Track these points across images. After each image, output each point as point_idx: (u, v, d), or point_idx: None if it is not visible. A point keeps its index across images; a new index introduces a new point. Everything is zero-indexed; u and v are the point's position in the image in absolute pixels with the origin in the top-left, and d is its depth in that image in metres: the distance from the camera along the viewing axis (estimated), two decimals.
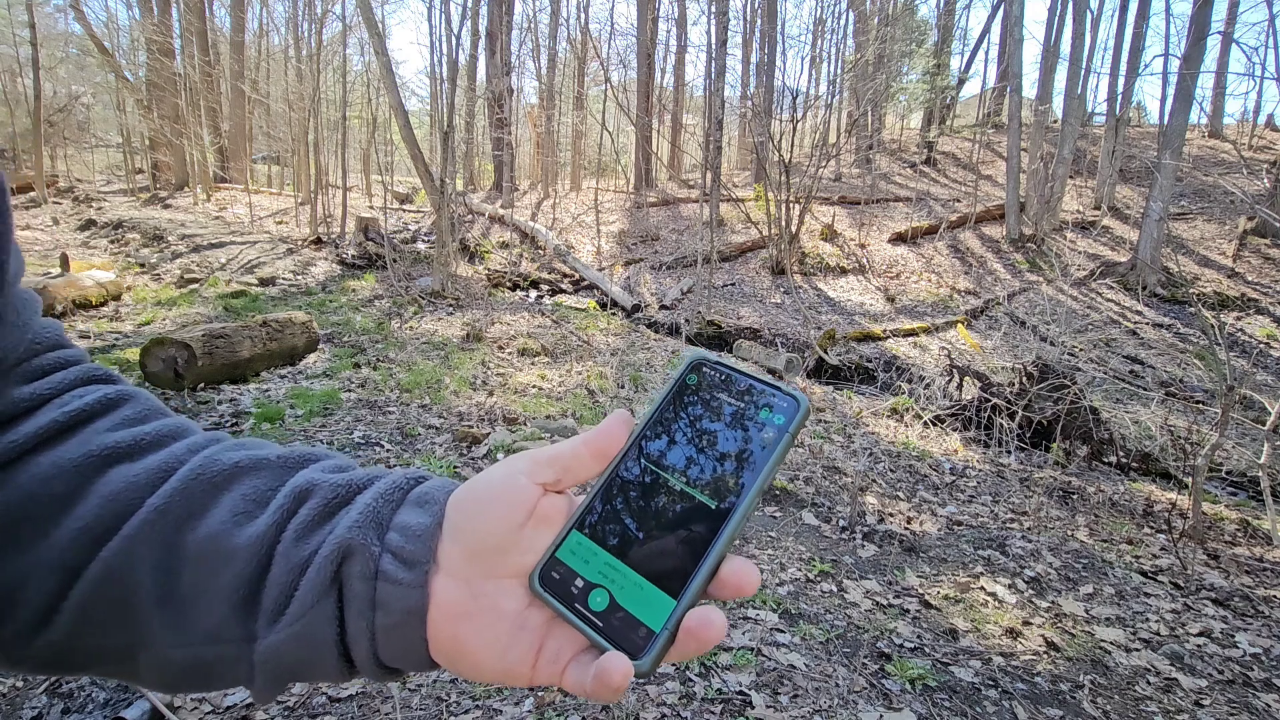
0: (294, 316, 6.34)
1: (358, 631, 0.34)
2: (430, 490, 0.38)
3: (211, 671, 0.36)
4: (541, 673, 0.34)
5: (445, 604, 0.34)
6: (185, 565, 0.35)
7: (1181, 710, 2.24)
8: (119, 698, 2.00)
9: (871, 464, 4.95)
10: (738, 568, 0.33)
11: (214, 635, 0.35)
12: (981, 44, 31.34)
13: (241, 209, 15.27)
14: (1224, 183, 13.17)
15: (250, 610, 0.35)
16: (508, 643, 0.34)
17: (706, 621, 0.31)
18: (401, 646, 0.35)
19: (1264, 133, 20.05)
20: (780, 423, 0.35)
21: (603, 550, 0.35)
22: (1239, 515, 4.38)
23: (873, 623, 2.65)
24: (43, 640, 0.35)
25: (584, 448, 0.37)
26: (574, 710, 2.04)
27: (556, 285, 12.48)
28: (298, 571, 0.35)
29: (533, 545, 0.35)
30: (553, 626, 0.35)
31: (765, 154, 13.95)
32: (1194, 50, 12.10)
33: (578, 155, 21.64)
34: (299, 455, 0.41)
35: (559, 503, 0.37)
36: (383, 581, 0.34)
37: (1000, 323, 10.97)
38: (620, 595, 0.33)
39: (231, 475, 0.38)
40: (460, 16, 12.38)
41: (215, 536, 0.35)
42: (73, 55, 22.04)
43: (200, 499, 0.36)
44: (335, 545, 0.35)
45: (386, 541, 0.35)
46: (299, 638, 0.34)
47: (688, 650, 0.32)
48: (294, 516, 0.36)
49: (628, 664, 0.31)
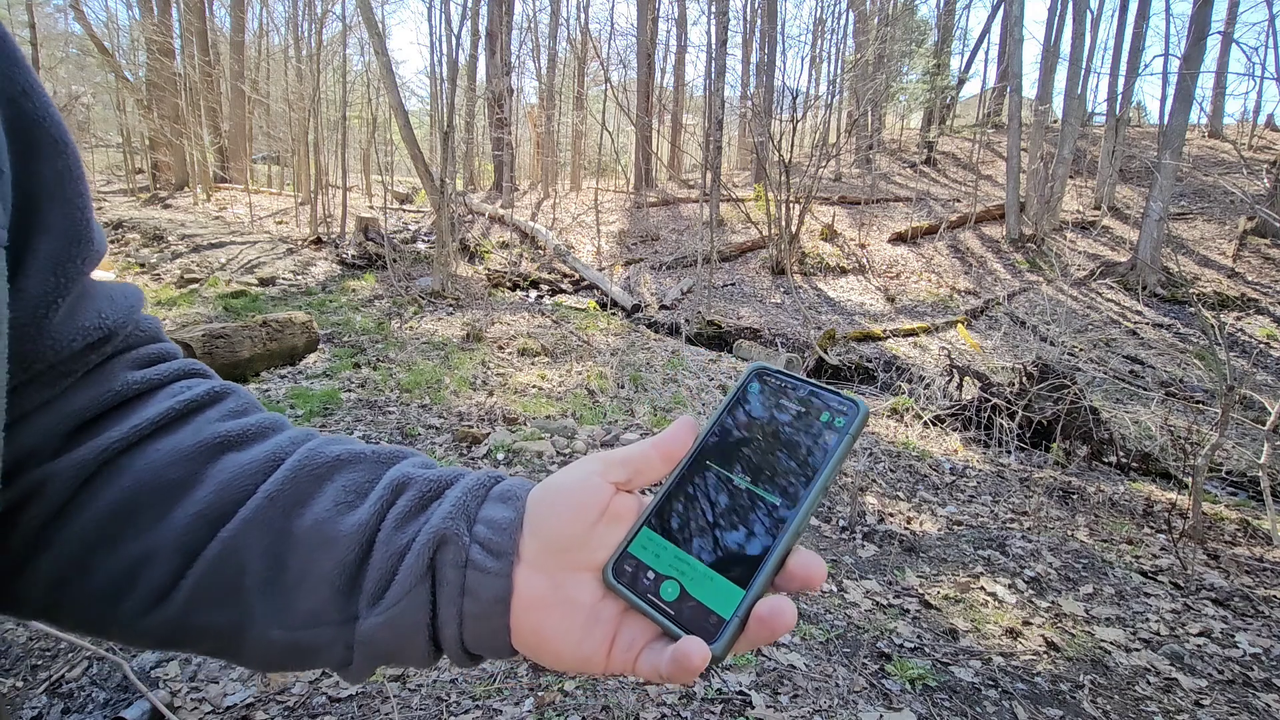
0: (294, 316, 6.34)
1: (448, 617, 0.37)
2: (512, 487, 0.40)
3: (310, 652, 0.38)
4: (616, 661, 0.36)
5: (527, 594, 0.36)
6: (292, 550, 0.37)
7: (1181, 710, 2.24)
8: (119, 698, 2.00)
9: (871, 464, 4.95)
10: (805, 560, 0.35)
11: (316, 618, 0.37)
12: (981, 44, 31.37)
13: (241, 209, 15.27)
14: (1224, 183, 13.18)
15: (352, 594, 0.37)
16: (583, 633, 0.36)
17: (778, 610, 0.32)
18: (487, 633, 0.37)
19: (1264, 133, 20.05)
20: (840, 425, 0.37)
21: (672, 545, 0.36)
22: (1239, 515, 4.38)
23: (873, 623, 2.65)
24: (158, 617, 0.37)
25: (653, 450, 0.39)
26: (574, 711, 2.04)
27: (556, 285, 12.48)
28: (397, 558, 0.37)
29: (605, 541, 0.37)
30: (626, 618, 0.36)
31: (765, 154, 13.96)
32: (1194, 50, 12.10)
33: (578, 155, 21.64)
34: (390, 451, 0.43)
35: (629, 501, 0.39)
36: (472, 570, 0.36)
37: (1000, 323, 10.97)
38: (691, 586, 0.35)
39: (334, 467, 0.40)
40: (460, 16, 12.39)
41: (320, 524, 0.37)
42: (73, 55, 22.04)
43: (306, 488, 0.39)
44: (431, 534, 0.37)
45: (475, 533, 0.37)
46: (396, 621, 0.36)
47: (758, 638, 0.33)
48: (392, 507, 0.39)
49: (705, 647, 0.32)
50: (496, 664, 2.25)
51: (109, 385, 0.39)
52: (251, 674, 2.15)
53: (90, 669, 2.11)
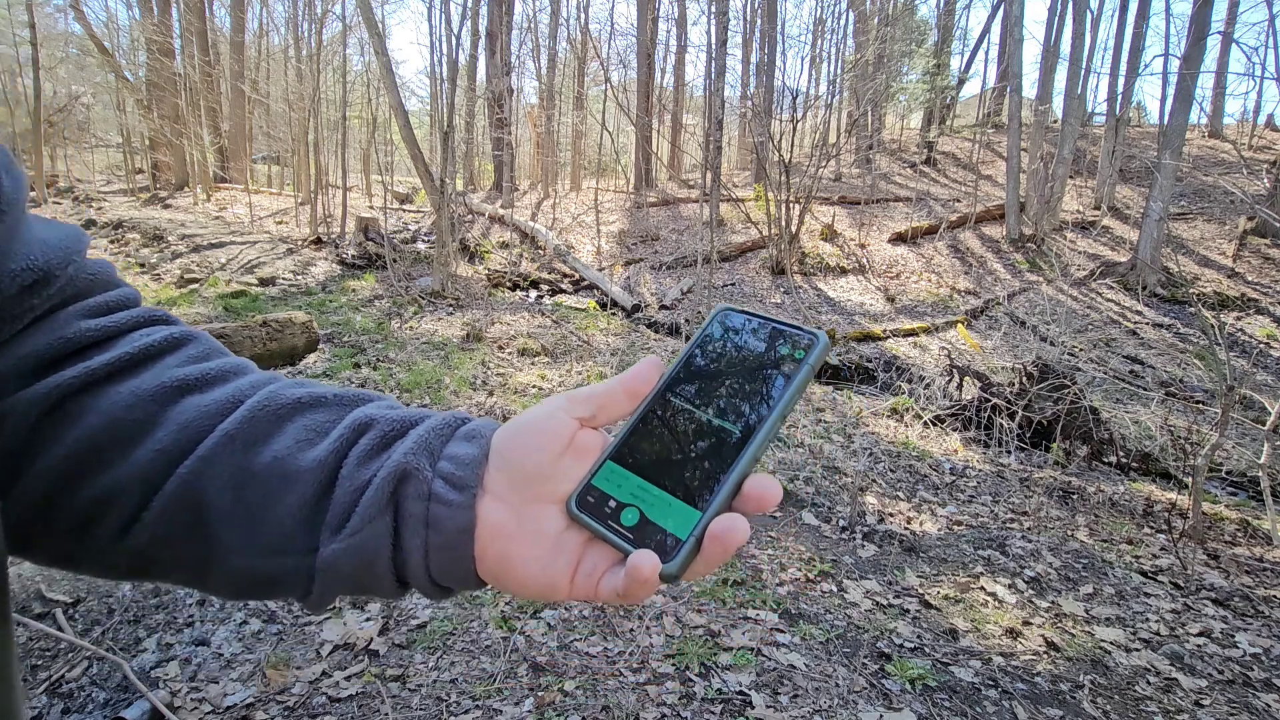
0: (294, 316, 6.34)
1: (413, 548, 0.38)
2: (477, 427, 0.41)
3: (273, 581, 0.39)
4: (579, 586, 0.37)
5: (492, 524, 0.37)
6: (252, 485, 0.38)
7: (1181, 710, 2.24)
8: (119, 698, 2.00)
9: (871, 464, 4.95)
10: (760, 482, 0.36)
11: (279, 548, 0.38)
12: (981, 44, 31.37)
13: (241, 209, 15.27)
14: (1224, 183, 13.18)
15: (313, 525, 0.38)
16: (548, 560, 0.37)
17: (730, 527, 0.33)
18: (452, 563, 0.38)
19: (1264, 133, 20.04)
20: (800, 356, 0.38)
21: (635, 476, 0.38)
22: (1239, 515, 4.38)
23: (873, 623, 2.65)
24: (126, 547, 0.38)
25: (618, 386, 0.40)
26: (574, 711, 2.04)
27: (556, 285, 12.47)
28: (358, 492, 0.38)
29: (570, 474, 0.39)
30: (589, 546, 0.38)
31: (765, 154, 13.96)
32: (1194, 50, 12.10)
33: (578, 155, 21.63)
34: (354, 394, 0.44)
35: (594, 437, 0.40)
36: (435, 503, 0.37)
37: (1000, 323, 10.97)
38: (650, 512, 0.36)
39: (294, 408, 0.41)
40: (460, 16, 12.39)
41: (281, 459, 0.38)
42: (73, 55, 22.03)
43: (265, 428, 0.40)
44: (392, 469, 0.38)
45: (439, 469, 0.38)
46: (357, 549, 0.37)
47: (713, 555, 0.34)
48: (354, 446, 0.40)
49: (654, 559, 0.33)
50: (496, 664, 2.25)
51: (60, 333, 0.40)
52: (251, 674, 2.15)
53: (90, 669, 2.11)
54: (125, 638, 2.29)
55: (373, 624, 2.44)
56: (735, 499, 0.36)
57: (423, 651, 2.31)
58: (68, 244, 0.41)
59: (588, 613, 2.59)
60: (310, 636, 2.37)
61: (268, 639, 2.35)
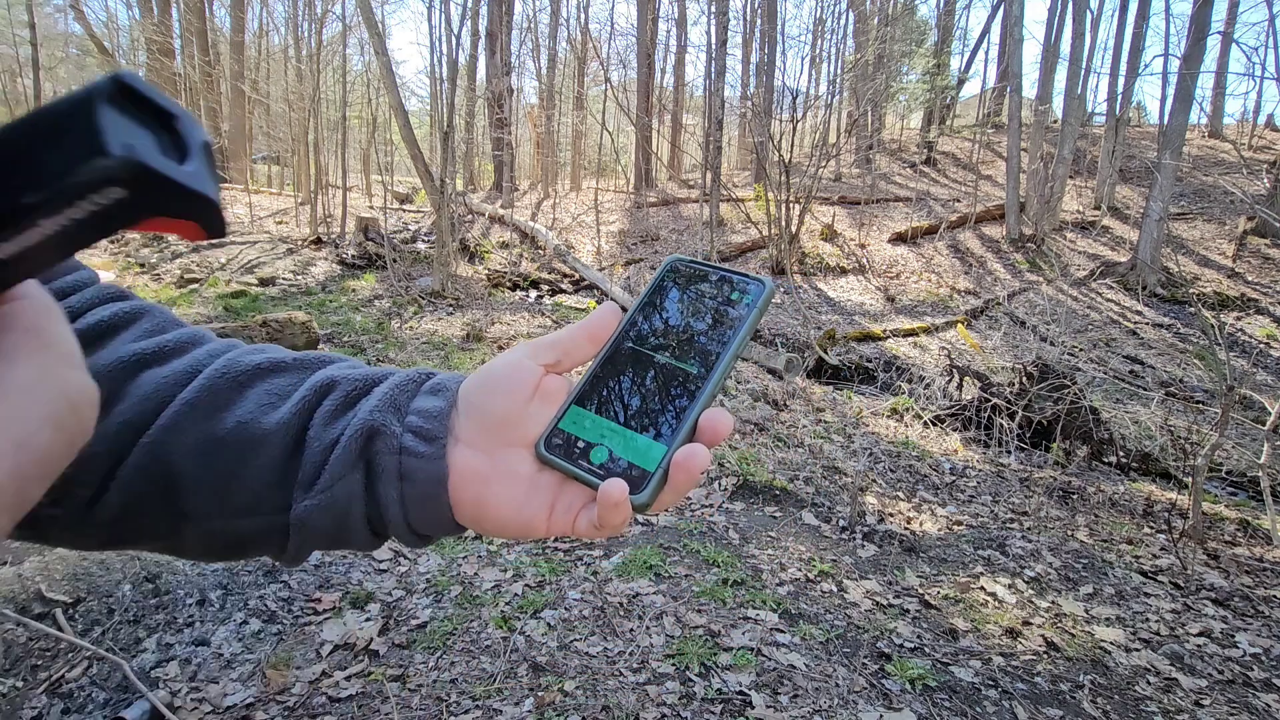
0: (294, 316, 6.34)
1: (389, 500, 0.39)
2: (443, 380, 0.42)
3: (248, 541, 0.40)
4: (557, 522, 0.38)
5: (466, 470, 0.38)
6: (219, 451, 0.39)
7: (1181, 710, 2.24)
8: (119, 698, 2.00)
9: (871, 464, 4.95)
10: (713, 415, 0.37)
11: (251, 509, 0.39)
12: (981, 44, 31.33)
13: (241, 209, 15.27)
14: (1224, 183, 13.18)
15: (284, 485, 0.39)
16: (524, 500, 0.38)
17: (691, 453, 0.35)
18: (431, 512, 0.39)
19: (1264, 133, 20.04)
20: (748, 301, 0.40)
21: (600, 417, 0.39)
22: (1239, 515, 4.38)
23: (873, 623, 2.65)
24: (98, 517, 0.39)
25: (580, 332, 0.41)
26: (574, 711, 2.04)
27: (556, 285, 12.47)
28: (326, 450, 0.39)
29: (538, 418, 0.40)
30: (564, 486, 0.39)
31: (765, 154, 13.95)
32: (1194, 50, 12.10)
33: (578, 155, 21.63)
34: (315, 357, 0.45)
35: (559, 382, 0.42)
36: (407, 456, 0.38)
37: (1000, 323, 10.97)
38: (618, 449, 0.38)
39: (254, 375, 0.42)
40: (460, 16, 12.38)
41: (244, 424, 0.39)
42: (73, 55, 22.03)
43: (226, 394, 0.40)
44: (359, 426, 0.39)
45: (407, 423, 0.39)
46: (330, 504, 0.38)
47: (679, 483, 0.36)
48: (318, 408, 0.40)
49: (623, 484, 0.35)
50: (496, 663, 2.25)
51: None
52: (251, 674, 2.15)
53: (90, 669, 2.11)
54: (125, 638, 2.29)
55: (373, 624, 2.44)
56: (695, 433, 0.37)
57: (423, 651, 2.31)
58: None
59: (588, 613, 2.59)
60: (310, 636, 2.37)
61: (268, 639, 2.35)
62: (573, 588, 2.76)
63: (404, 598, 2.63)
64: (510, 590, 2.71)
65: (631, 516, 0.36)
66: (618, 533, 0.38)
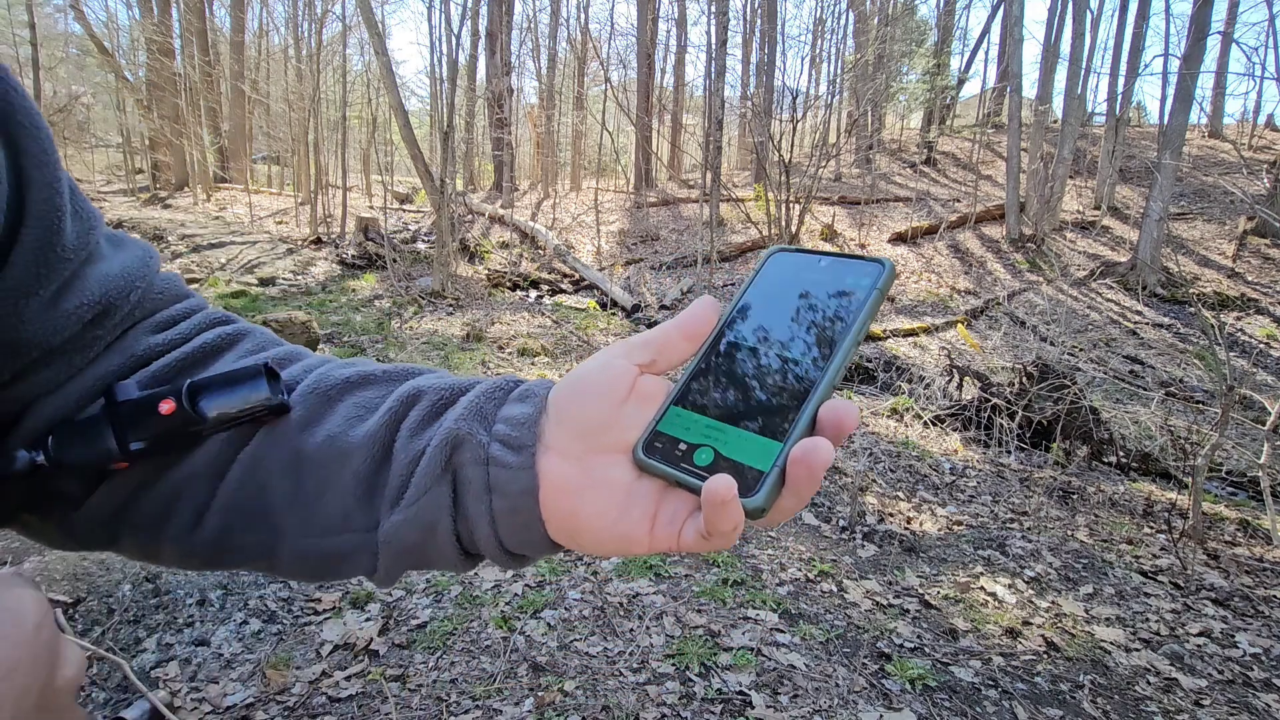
0: (294, 316, 6.34)
1: (478, 515, 0.37)
2: (531, 387, 0.40)
3: (340, 559, 0.39)
4: (660, 536, 0.35)
5: (558, 480, 0.35)
6: (307, 466, 0.39)
7: (1181, 710, 2.24)
8: (119, 698, 2.00)
9: (871, 464, 4.95)
10: (835, 406, 0.33)
11: (340, 526, 0.38)
12: (981, 44, 31.34)
13: (241, 209, 15.27)
14: (1224, 183, 13.18)
15: (372, 501, 0.38)
16: (621, 511, 0.35)
17: (812, 447, 0.31)
18: (521, 527, 0.37)
19: (1264, 133, 20.04)
20: (867, 283, 0.36)
21: (703, 417, 0.35)
22: (1239, 515, 4.38)
23: (873, 623, 2.65)
24: (200, 538, 0.40)
25: (675, 330, 0.38)
26: (574, 710, 2.04)
27: (556, 285, 12.47)
28: (413, 463, 0.38)
29: (635, 422, 0.36)
30: (666, 494, 0.35)
31: (765, 154, 13.95)
32: (1194, 50, 12.10)
33: (578, 155, 21.63)
34: (403, 369, 0.44)
35: (656, 384, 0.38)
36: (494, 466, 0.36)
37: (1000, 323, 10.97)
38: (726, 449, 0.34)
39: (343, 388, 0.42)
40: (460, 16, 12.38)
41: (332, 438, 0.39)
42: (73, 55, 22.03)
43: (316, 409, 0.40)
44: (445, 436, 0.37)
45: (494, 432, 0.37)
46: (416, 519, 0.37)
47: (799, 481, 0.31)
48: (405, 419, 0.39)
49: (729, 480, 0.31)
50: (496, 663, 2.25)
51: (131, 351, 0.42)
52: (251, 674, 2.15)
53: (90, 669, 2.11)
54: (125, 638, 2.29)
55: (373, 624, 2.44)
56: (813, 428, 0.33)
57: (423, 651, 2.31)
58: (131, 271, 0.42)
59: (588, 613, 2.59)
60: (310, 636, 2.37)
61: (268, 639, 2.35)
62: (573, 587, 2.76)
63: (404, 597, 2.63)
64: (510, 590, 2.71)
65: (744, 522, 0.32)
66: (730, 543, 0.34)
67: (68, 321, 0.38)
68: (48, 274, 0.36)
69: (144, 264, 0.44)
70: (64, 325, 0.38)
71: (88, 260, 0.40)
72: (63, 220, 0.37)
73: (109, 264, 0.41)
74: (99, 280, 0.40)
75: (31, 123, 0.35)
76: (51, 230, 0.36)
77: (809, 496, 0.32)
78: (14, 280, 0.35)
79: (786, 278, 0.39)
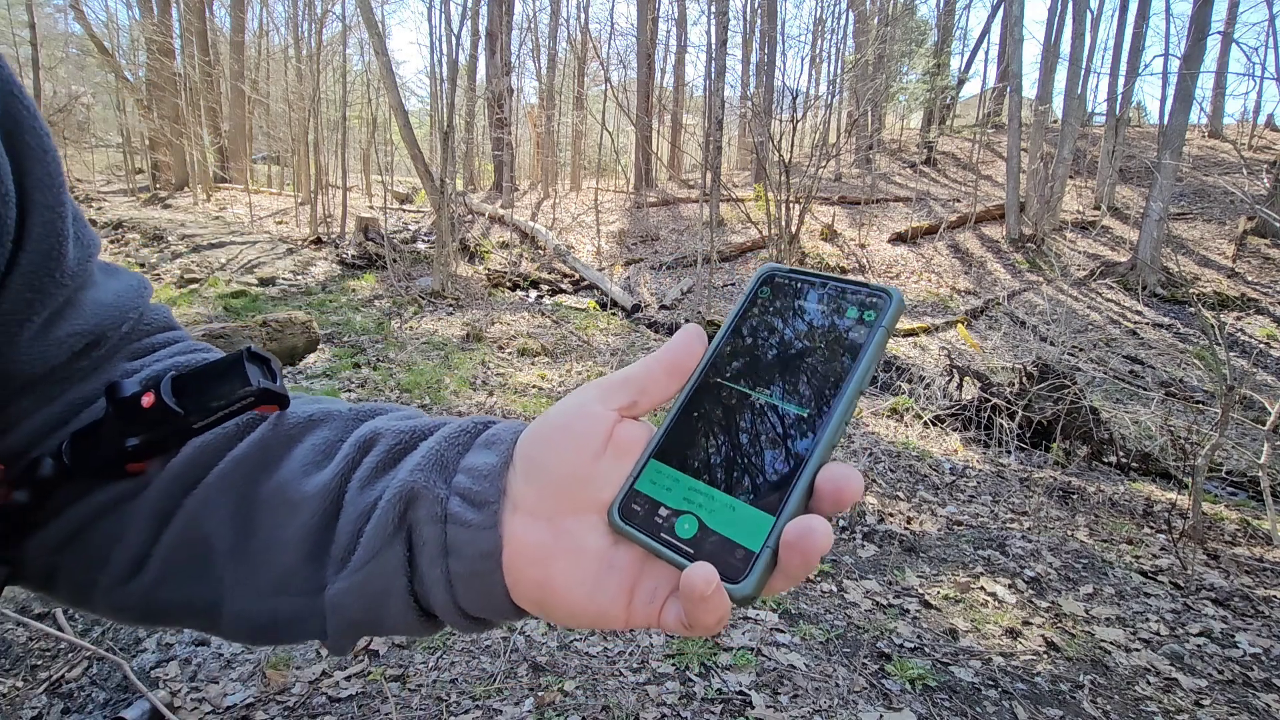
0: (294, 316, 6.34)
1: (433, 579, 0.33)
2: (498, 432, 0.36)
3: (286, 623, 0.35)
4: (638, 613, 0.31)
5: (525, 544, 0.32)
6: (258, 515, 0.35)
7: (1181, 710, 2.24)
8: (119, 698, 2.00)
9: (871, 464, 4.95)
10: (835, 473, 0.29)
11: (285, 586, 0.35)
12: (981, 44, 31.36)
13: (241, 209, 15.27)
14: (1224, 183, 13.17)
15: (320, 560, 0.34)
16: (596, 583, 0.31)
17: (807, 529, 0.27)
18: (481, 593, 0.33)
19: (1264, 133, 20.05)
20: (870, 318, 0.32)
21: (686, 476, 0.32)
22: (1239, 515, 4.38)
23: (873, 623, 2.65)
24: (135, 588, 0.36)
25: (657, 364, 0.34)
26: (574, 711, 2.04)
27: (556, 285, 12.47)
28: (363, 519, 0.34)
29: (612, 476, 0.33)
30: (646, 564, 0.32)
31: (765, 154, 13.94)
32: (1194, 50, 12.10)
33: (578, 155, 21.63)
34: (369, 408, 0.40)
35: (636, 430, 0.34)
36: (452, 524, 0.33)
37: (1000, 323, 10.97)
38: (710, 519, 0.30)
39: (305, 427, 0.38)
40: (460, 16, 12.39)
41: (284, 486, 0.35)
42: (73, 55, 22.04)
43: (275, 450, 0.37)
44: (399, 489, 0.33)
45: (454, 484, 0.34)
46: (365, 585, 0.33)
47: (792, 568, 0.28)
48: (359, 466, 0.36)
49: (710, 571, 0.27)
50: (496, 664, 2.25)
51: (106, 376, 0.39)
52: (251, 674, 2.15)
53: (90, 669, 2.11)
54: (125, 638, 2.29)
55: None
56: None
57: (423, 651, 2.31)
58: (124, 302, 0.40)
59: None
60: None
61: None
62: None
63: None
64: None
65: (730, 611, 0.28)
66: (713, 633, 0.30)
67: (58, 350, 0.36)
68: (42, 300, 0.34)
69: (138, 293, 0.42)
70: (53, 354, 0.36)
71: (83, 286, 0.38)
72: (64, 245, 0.35)
73: (103, 291, 0.40)
74: (93, 307, 0.38)
75: (39, 145, 0.33)
76: (51, 256, 0.34)
77: (802, 579, 0.29)
78: (8, 305, 0.33)
79: (781, 305, 0.35)
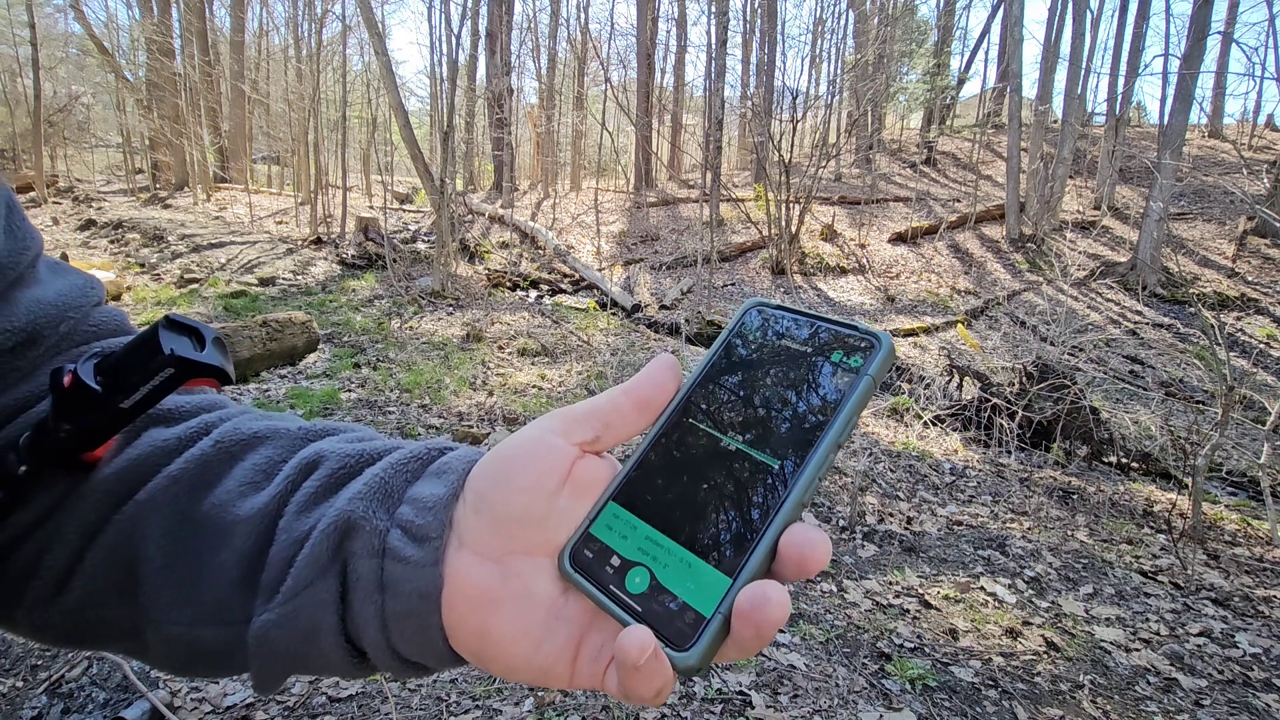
0: (294, 316, 6.33)
1: (366, 618, 0.30)
2: (451, 460, 0.33)
3: (213, 654, 0.33)
4: (582, 673, 0.29)
5: (468, 586, 0.29)
6: (190, 536, 0.33)
7: (1181, 710, 2.24)
8: (119, 698, 2.00)
9: (871, 464, 4.95)
10: (800, 537, 0.26)
11: (214, 615, 0.32)
12: (981, 44, 31.37)
13: (241, 209, 15.27)
14: (1224, 183, 13.17)
15: (250, 589, 0.32)
16: (542, 635, 0.29)
17: (760, 599, 0.25)
18: (417, 635, 0.30)
19: (1264, 133, 20.05)
20: (856, 365, 0.30)
21: (644, 524, 0.30)
22: (1239, 515, 4.38)
23: (873, 623, 2.65)
24: (59, 607, 0.34)
25: (624, 398, 0.32)
26: (574, 711, 2.04)
27: (556, 285, 12.47)
28: (295, 548, 0.31)
29: (568, 517, 0.31)
30: (595, 619, 0.29)
31: (765, 154, 13.95)
32: (1194, 50, 12.10)
33: (578, 155, 21.63)
34: (320, 427, 0.38)
35: (599, 467, 0.32)
36: (390, 559, 0.30)
37: (1000, 323, 10.97)
38: (663, 574, 0.28)
39: (249, 444, 0.36)
40: (460, 16, 12.39)
41: (220, 508, 0.33)
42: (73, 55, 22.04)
43: (216, 468, 0.34)
44: (335, 518, 0.31)
45: (397, 516, 0.31)
46: (292, 621, 0.30)
47: (744, 639, 0.25)
48: (298, 490, 0.33)
49: (647, 637, 0.25)
50: None
51: (43, 381, 0.36)
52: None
53: (90, 669, 2.11)
54: None
55: None
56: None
57: None
58: (67, 300, 0.38)
59: None
60: None
61: None
62: None
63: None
64: None
65: (673, 683, 0.26)
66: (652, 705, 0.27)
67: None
68: None
69: (82, 294, 0.39)
70: None
71: (17, 283, 0.36)
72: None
73: (43, 289, 0.37)
74: (28, 305, 0.36)
75: None
76: None
77: (756, 651, 0.26)
78: None
79: (763, 344, 0.33)
